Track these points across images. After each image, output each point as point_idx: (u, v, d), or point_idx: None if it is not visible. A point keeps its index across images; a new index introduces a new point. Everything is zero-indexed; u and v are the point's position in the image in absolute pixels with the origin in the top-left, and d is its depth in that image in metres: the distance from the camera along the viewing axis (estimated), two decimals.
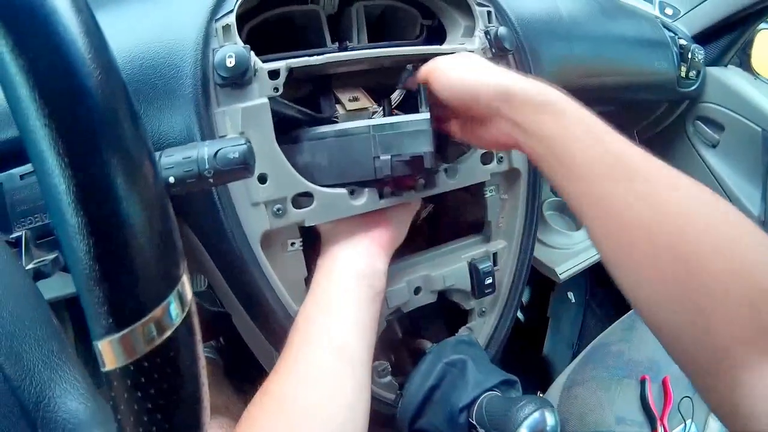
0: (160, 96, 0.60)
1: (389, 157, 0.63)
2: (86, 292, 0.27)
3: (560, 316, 1.37)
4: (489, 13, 0.80)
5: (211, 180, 0.46)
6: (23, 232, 0.57)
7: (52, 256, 0.56)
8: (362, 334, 0.59)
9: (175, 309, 0.30)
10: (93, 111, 0.27)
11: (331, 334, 0.57)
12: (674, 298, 0.43)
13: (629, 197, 0.46)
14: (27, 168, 0.57)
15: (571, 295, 1.39)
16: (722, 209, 0.45)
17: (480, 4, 0.79)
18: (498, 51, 0.77)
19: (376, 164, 0.63)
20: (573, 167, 0.51)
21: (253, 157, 0.47)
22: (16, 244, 0.57)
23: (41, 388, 0.38)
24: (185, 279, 0.31)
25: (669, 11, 1.37)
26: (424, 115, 0.64)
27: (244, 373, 0.85)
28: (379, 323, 0.66)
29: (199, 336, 0.32)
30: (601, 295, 1.48)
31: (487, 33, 0.77)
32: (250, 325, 0.68)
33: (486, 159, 0.77)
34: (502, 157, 0.78)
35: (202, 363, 0.33)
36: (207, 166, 0.45)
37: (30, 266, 0.55)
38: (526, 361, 1.33)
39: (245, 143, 0.46)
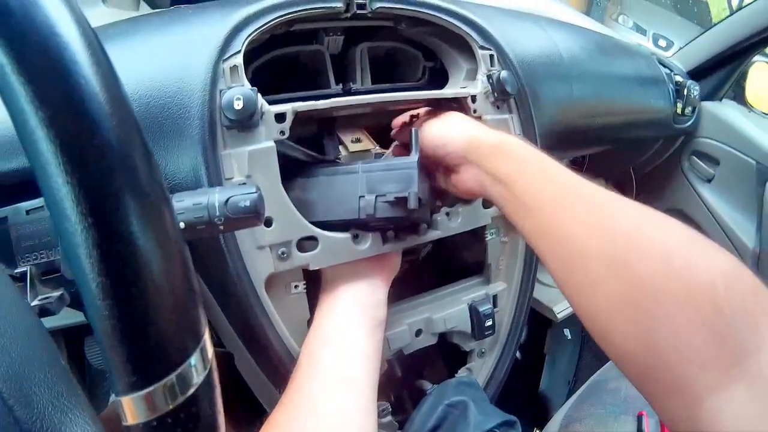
0: (167, 136, 0.61)
1: (374, 197, 0.64)
2: (110, 350, 0.28)
3: (557, 353, 1.37)
4: (491, 56, 0.81)
5: (222, 227, 0.47)
6: (28, 267, 0.57)
7: (57, 293, 0.56)
8: (367, 364, 0.60)
9: (198, 366, 0.30)
10: (115, 168, 0.28)
11: (336, 366, 0.58)
12: (629, 324, 0.43)
13: (575, 224, 0.48)
14: (34, 203, 0.57)
15: (567, 332, 1.39)
16: (668, 228, 0.45)
17: (482, 48, 0.81)
18: (500, 95, 0.78)
19: (361, 203, 0.64)
20: (524, 203, 0.54)
21: (263, 206, 0.48)
22: (20, 278, 0.57)
23: None
24: (207, 335, 0.32)
25: (662, 43, 1.40)
26: (412, 158, 0.64)
27: (245, 413, 0.84)
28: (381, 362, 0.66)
29: (218, 390, 0.33)
30: None
31: (489, 77, 0.79)
32: (253, 366, 0.68)
33: (487, 203, 0.78)
34: None
35: (222, 417, 0.33)
36: (218, 213, 0.46)
37: (35, 303, 0.56)
38: (523, 398, 1.33)
39: (256, 192, 0.47)
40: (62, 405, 0.39)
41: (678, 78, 1.28)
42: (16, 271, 0.56)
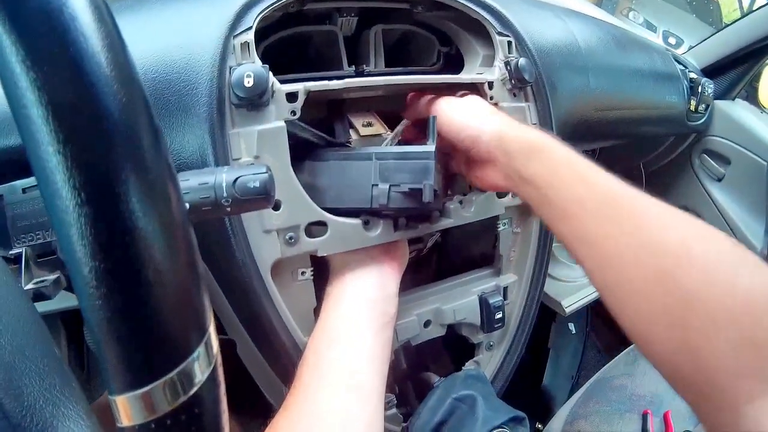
0: (173, 113, 0.57)
1: (387, 186, 0.61)
2: (104, 343, 0.25)
3: (560, 348, 1.35)
4: (509, 43, 0.78)
5: (229, 209, 0.43)
6: (23, 248, 0.54)
7: (53, 277, 0.53)
8: (375, 365, 0.57)
9: (202, 363, 0.27)
10: (115, 139, 0.24)
11: (342, 368, 0.55)
12: (671, 335, 0.43)
13: (618, 235, 0.46)
14: (30, 181, 0.54)
15: (571, 326, 1.37)
16: (713, 240, 0.44)
17: (500, 34, 0.77)
18: (517, 83, 0.75)
19: (374, 192, 0.61)
20: (561, 208, 0.52)
21: (274, 187, 0.45)
22: (15, 260, 0.54)
23: (43, 426, 0.35)
24: (212, 329, 0.29)
25: (672, 40, 1.37)
26: (429, 147, 0.61)
27: (246, 405, 0.82)
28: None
29: (223, 387, 0.30)
30: (601, 326, 1.46)
31: (507, 64, 0.75)
32: (256, 355, 0.65)
33: (501, 193, 0.75)
34: None
35: (226, 417, 0.30)
36: (225, 194, 0.43)
37: (29, 286, 0.52)
38: (526, 393, 1.30)
39: (266, 172, 0.44)
40: (55, 397, 0.35)
41: (692, 75, 1.25)
42: (10, 252, 0.53)
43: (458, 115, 0.63)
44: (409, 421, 0.71)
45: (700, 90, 1.23)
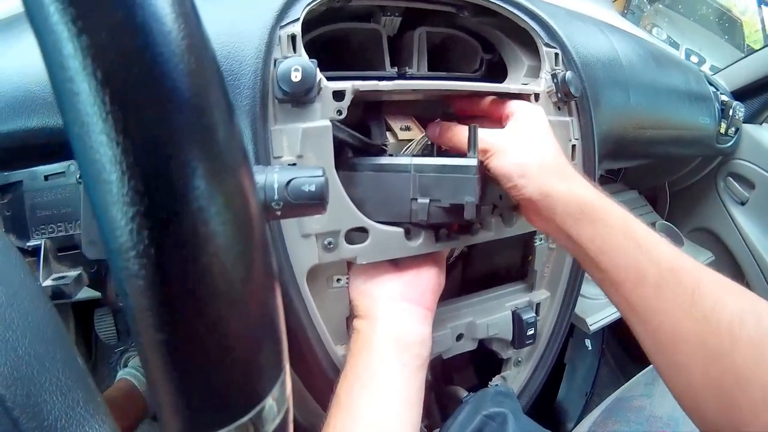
0: None
1: (427, 201, 0.56)
2: (160, 391, 0.20)
3: (576, 363, 1.30)
4: (556, 55, 0.73)
5: (279, 213, 0.38)
6: (43, 240, 0.49)
7: (74, 273, 0.48)
8: (408, 414, 0.51)
9: (274, 408, 0.22)
10: (180, 114, 0.19)
11: (375, 417, 0.49)
12: (722, 412, 0.42)
13: (676, 310, 0.45)
14: (54, 168, 0.49)
15: (588, 342, 1.32)
16: (763, 316, 0.43)
17: (548, 45, 0.72)
18: (563, 96, 0.70)
19: (413, 207, 0.56)
20: (614, 276, 0.50)
21: (328, 192, 0.40)
22: (33, 252, 0.49)
23: None
24: (287, 367, 0.24)
25: (695, 59, 1.34)
26: (471, 161, 0.55)
27: None
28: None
29: None
30: (616, 345, 1.41)
31: (554, 76, 0.70)
32: None
33: None
34: None
35: None
36: (276, 197, 0.38)
37: (48, 282, 0.47)
38: (540, 406, 1.25)
39: (323, 175, 0.39)
40: (78, 415, 0.30)
41: (724, 97, 1.19)
42: (28, 244, 0.48)
43: (506, 166, 0.56)
44: None
45: (731, 113, 1.18)
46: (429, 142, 0.67)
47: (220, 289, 0.20)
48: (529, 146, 0.56)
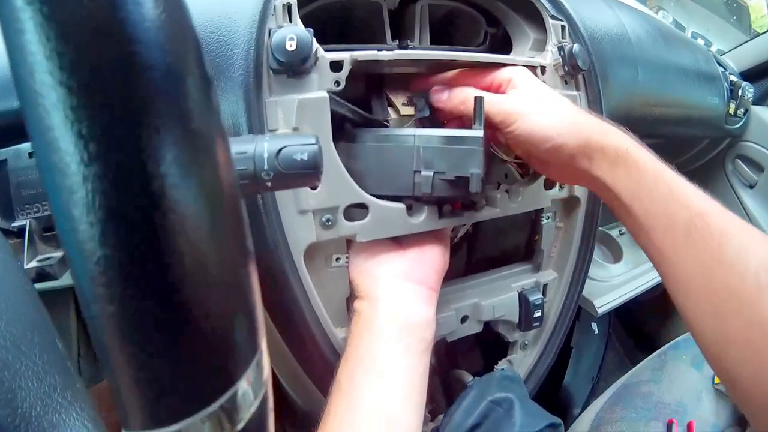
0: None
1: (431, 173, 0.53)
2: (114, 364, 0.17)
3: (583, 348, 1.27)
4: (563, 27, 0.69)
5: (269, 184, 0.36)
6: (28, 221, 0.47)
7: (59, 254, 0.46)
8: (412, 399, 0.49)
9: (249, 392, 0.19)
10: (147, 74, 0.17)
11: (376, 402, 0.47)
12: (748, 361, 0.42)
13: (704, 257, 0.45)
14: None
15: (594, 326, 1.29)
16: None
17: (554, 18, 0.69)
18: (570, 69, 0.67)
19: (416, 179, 0.54)
20: (645, 222, 0.49)
21: (322, 161, 0.37)
22: (18, 234, 0.47)
23: None
24: (264, 347, 0.21)
25: (700, 42, 1.31)
26: (477, 132, 0.53)
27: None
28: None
29: (272, 423, 0.22)
30: (622, 329, 1.39)
31: (561, 49, 0.67)
32: (282, 348, 0.57)
33: (548, 184, 0.67)
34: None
35: None
36: (266, 167, 0.35)
37: (32, 264, 0.45)
38: (546, 390, 1.23)
39: (315, 143, 0.36)
40: (55, 402, 0.27)
41: (732, 78, 1.16)
42: (13, 224, 0.46)
43: (541, 128, 0.53)
44: (438, 421, 0.64)
45: (740, 93, 1.15)
46: (428, 115, 0.63)
47: (184, 258, 0.17)
48: (550, 104, 0.55)
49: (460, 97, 0.58)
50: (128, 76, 0.16)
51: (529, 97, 0.56)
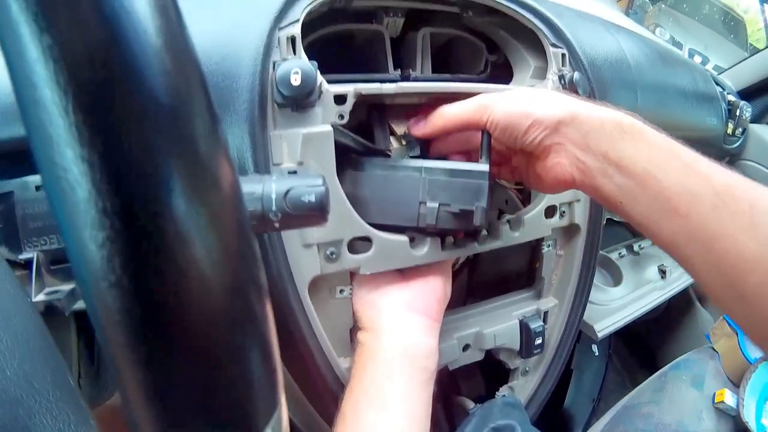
0: None
1: (437, 205, 0.54)
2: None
3: (583, 369, 1.27)
4: (563, 55, 0.70)
5: (277, 224, 0.36)
6: (35, 253, 0.47)
7: (68, 287, 0.46)
8: (415, 429, 0.49)
9: None
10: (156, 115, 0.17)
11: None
12: None
13: (737, 233, 0.40)
14: None
15: (595, 348, 1.29)
16: None
17: (554, 45, 0.70)
18: None
19: (421, 210, 0.54)
20: (666, 201, 0.43)
21: (329, 202, 0.37)
22: (26, 265, 0.47)
23: None
24: (283, 402, 0.21)
25: (698, 59, 1.31)
26: (483, 166, 0.54)
27: None
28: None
29: None
30: (623, 349, 1.39)
31: (561, 77, 0.68)
32: (287, 378, 0.58)
33: (548, 213, 0.67)
34: (564, 212, 0.69)
35: None
36: (274, 208, 0.35)
37: (40, 297, 0.45)
38: (547, 412, 1.22)
39: (323, 185, 0.37)
40: None
41: (730, 97, 1.17)
42: (20, 256, 0.46)
43: (517, 105, 0.50)
44: None
45: (738, 113, 1.15)
46: (419, 154, 0.63)
47: (203, 320, 0.18)
48: (533, 90, 0.54)
49: (435, 118, 0.56)
50: (136, 119, 0.16)
51: (504, 92, 0.54)
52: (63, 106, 0.15)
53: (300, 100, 0.50)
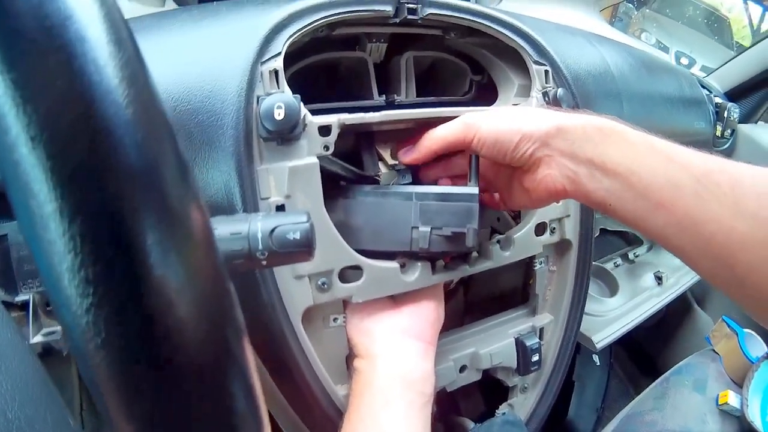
0: (196, 146, 0.51)
1: (429, 229, 0.54)
2: None
3: (585, 380, 1.27)
4: (546, 72, 0.71)
5: (264, 262, 0.37)
6: (31, 295, 0.48)
7: None
8: None
9: None
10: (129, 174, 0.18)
11: None
12: None
13: (722, 213, 0.41)
14: None
15: (596, 358, 1.30)
16: None
17: (537, 63, 0.71)
18: None
19: (414, 235, 0.55)
20: (651, 195, 0.44)
21: (315, 238, 0.38)
22: (22, 307, 0.48)
23: None
24: None
25: (684, 61, 1.33)
26: (473, 189, 0.55)
27: None
28: None
29: None
30: (624, 356, 1.39)
31: (545, 94, 0.69)
32: (288, 411, 0.58)
33: (539, 230, 0.68)
34: (554, 228, 0.69)
35: None
36: (261, 246, 0.36)
37: (37, 338, 0.46)
38: (551, 425, 1.23)
39: (307, 221, 0.37)
40: None
41: (718, 100, 1.18)
42: (16, 298, 0.47)
43: (504, 122, 0.52)
44: None
45: (725, 115, 1.17)
46: (410, 181, 0.64)
47: (187, 367, 0.19)
48: (516, 108, 0.56)
49: (423, 142, 0.58)
50: (105, 174, 0.17)
51: (489, 111, 0.56)
52: (43, 173, 0.16)
53: (285, 134, 0.51)
